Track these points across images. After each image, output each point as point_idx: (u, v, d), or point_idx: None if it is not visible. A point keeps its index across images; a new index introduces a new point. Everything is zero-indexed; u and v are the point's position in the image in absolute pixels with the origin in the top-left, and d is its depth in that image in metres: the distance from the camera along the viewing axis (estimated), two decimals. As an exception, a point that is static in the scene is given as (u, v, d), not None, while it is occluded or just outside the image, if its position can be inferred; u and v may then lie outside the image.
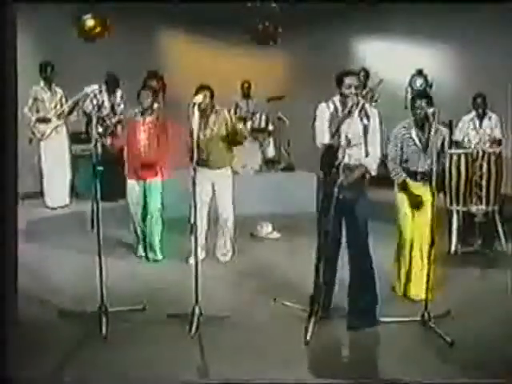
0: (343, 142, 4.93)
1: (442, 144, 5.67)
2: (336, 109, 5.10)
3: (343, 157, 4.92)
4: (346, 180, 4.97)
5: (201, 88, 6.72)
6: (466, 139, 7.87)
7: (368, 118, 5.08)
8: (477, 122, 7.88)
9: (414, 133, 5.69)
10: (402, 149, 5.73)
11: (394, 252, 5.97)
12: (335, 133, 4.93)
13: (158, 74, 9.80)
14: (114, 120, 7.87)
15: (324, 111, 5.12)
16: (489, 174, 7.07)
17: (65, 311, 5.40)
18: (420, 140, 5.68)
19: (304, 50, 12.12)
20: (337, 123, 4.94)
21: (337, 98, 5.12)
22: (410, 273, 5.85)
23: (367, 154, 5.10)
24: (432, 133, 5.39)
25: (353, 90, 4.97)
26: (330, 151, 4.95)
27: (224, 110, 7.05)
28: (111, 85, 9.21)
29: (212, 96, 6.84)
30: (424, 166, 5.68)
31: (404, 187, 5.76)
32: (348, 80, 4.99)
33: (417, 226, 5.78)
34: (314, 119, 5.18)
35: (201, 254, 7.03)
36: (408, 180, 5.75)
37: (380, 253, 5.43)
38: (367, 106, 5.18)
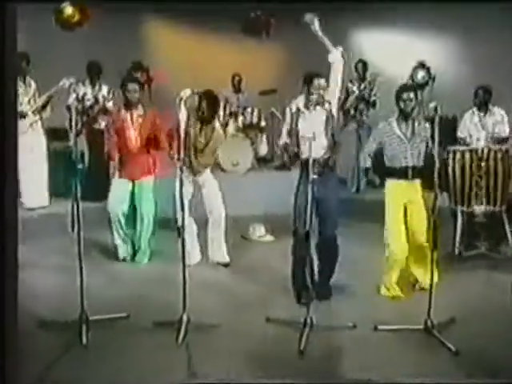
0: (309, 136, 5.35)
1: (432, 137, 5.66)
2: (298, 109, 5.89)
3: (310, 152, 5.24)
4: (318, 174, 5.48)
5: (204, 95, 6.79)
6: (470, 135, 7.85)
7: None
8: (479, 117, 7.82)
9: (395, 126, 5.87)
10: (384, 145, 5.94)
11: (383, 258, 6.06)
12: (295, 129, 5.83)
13: (143, 65, 9.75)
14: (95, 109, 7.88)
15: (287, 114, 6.00)
16: (495, 173, 7.04)
17: (44, 320, 5.35)
18: (403, 132, 5.85)
19: (298, 41, 12.03)
20: (296, 120, 5.78)
21: (301, 98, 5.91)
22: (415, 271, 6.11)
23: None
24: (416, 124, 5.73)
25: (320, 92, 5.74)
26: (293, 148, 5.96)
27: (220, 128, 7.18)
28: (94, 74, 9.16)
29: (213, 108, 6.91)
30: (414, 161, 5.84)
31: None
32: (316, 81, 5.75)
33: (413, 231, 5.94)
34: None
35: (194, 258, 7.12)
36: (398, 182, 5.91)
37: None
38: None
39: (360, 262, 6.92)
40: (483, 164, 7.03)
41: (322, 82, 5.79)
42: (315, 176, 5.24)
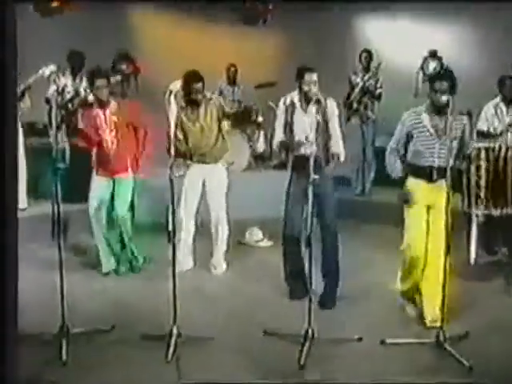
0: (303, 137, 5.66)
1: (463, 133, 5.57)
2: (293, 104, 6.05)
3: (310, 152, 5.29)
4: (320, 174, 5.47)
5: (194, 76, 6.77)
6: (491, 130, 7.72)
7: (325, 111, 5.95)
8: (503, 109, 7.73)
9: (426, 118, 5.53)
10: (410, 138, 5.61)
11: (399, 269, 5.87)
12: (289, 124, 5.95)
13: (129, 56, 9.70)
14: (76, 103, 7.80)
15: (281, 108, 6.13)
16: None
17: (20, 334, 5.28)
18: (434, 127, 5.51)
19: (298, 29, 12.06)
20: (291, 115, 5.87)
21: (295, 93, 6.07)
22: (426, 294, 5.74)
23: (328, 143, 6.01)
24: (450, 119, 5.26)
25: (312, 87, 5.87)
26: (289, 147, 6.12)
27: (214, 96, 7.14)
28: (76, 64, 9.11)
29: (200, 80, 6.86)
30: (441, 161, 5.47)
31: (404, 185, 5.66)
32: (308, 76, 5.90)
33: (432, 238, 5.60)
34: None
35: (186, 264, 7.14)
36: (421, 183, 5.60)
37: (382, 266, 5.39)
38: (323, 99, 5.85)
39: (365, 269, 6.91)
40: (501, 162, 6.96)
41: (314, 76, 5.94)
42: (316, 176, 5.22)
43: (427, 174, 5.57)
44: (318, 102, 5.61)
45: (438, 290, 5.36)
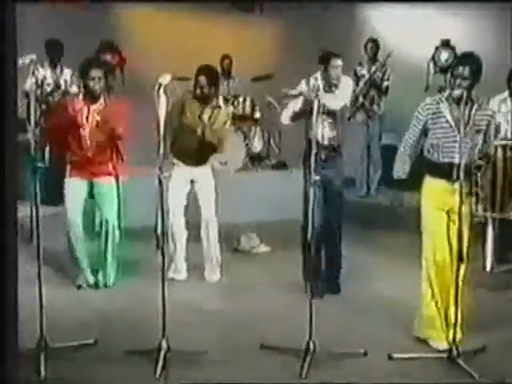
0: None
1: (488, 126, 5.37)
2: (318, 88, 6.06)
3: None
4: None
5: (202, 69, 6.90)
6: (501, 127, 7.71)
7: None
8: (508, 104, 7.64)
9: (445, 108, 5.30)
10: (426, 131, 5.39)
11: (420, 280, 5.66)
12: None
13: (114, 45, 9.66)
14: (56, 96, 7.74)
15: (303, 88, 6.44)
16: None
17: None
18: (455, 118, 5.25)
19: (298, 18, 12.03)
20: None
21: (318, 76, 6.55)
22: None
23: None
24: (474, 110, 5.16)
25: (338, 72, 6.49)
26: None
27: (227, 108, 7.37)
28: (55, 54, 9.08)
29: (215, 83, 7.00)
30: (463, 157, 5.07)
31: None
32: (334, 62, 6.46)
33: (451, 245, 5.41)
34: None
35: (180, 273, 7.16)
36: (440, 182, 5.40)
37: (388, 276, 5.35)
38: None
39: (369, 279, 6.88)
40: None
41: (340, 62, 6.51)
42: (317, 177, 5.24)
43: (446, 171, 5.32)
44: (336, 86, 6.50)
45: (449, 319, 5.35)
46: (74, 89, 8.90)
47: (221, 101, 7.20)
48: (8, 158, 3.77)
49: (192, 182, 7.16)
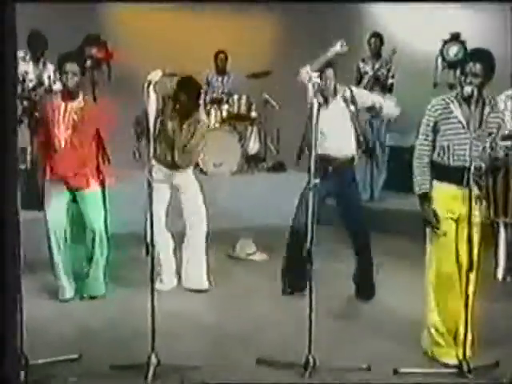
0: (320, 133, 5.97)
1: (499, 129, 5.31)
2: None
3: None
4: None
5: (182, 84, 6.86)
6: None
7: (352, 100, 6.69)
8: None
9: (456, 107, 5.24)
10: (436, 132, 5.32)
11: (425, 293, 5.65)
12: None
13: (100, 39, 9.65)
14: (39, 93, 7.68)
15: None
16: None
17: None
18: (467, 118, 5.16)
19: (299, 10, 12.03)
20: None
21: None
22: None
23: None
24: (486, 111, 5.13)
25: (328, 83, 6.61)
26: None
27: (205, 119, 7.22)
28: (38, 48, 9.06)
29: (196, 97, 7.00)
30: (475, 160, 5.09)
31: (425, 202, 5.36)
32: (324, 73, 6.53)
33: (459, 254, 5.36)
34: None
35: (169, 282, 7.17)
36: (450, 188, 5.33)
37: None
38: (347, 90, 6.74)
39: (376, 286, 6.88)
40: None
41: (330, 72, 6.64)
42: (317, 180, 5.27)
43: (457, 176, 5.24)
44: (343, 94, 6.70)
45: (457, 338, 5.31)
46: (57, 86, 8.87)
47: (202, 114, 7.13)
48: (8, 159, 3.80)
49: (173, 186, 7.14)
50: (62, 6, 9.97)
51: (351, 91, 6.79)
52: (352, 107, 6.71)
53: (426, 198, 5.34)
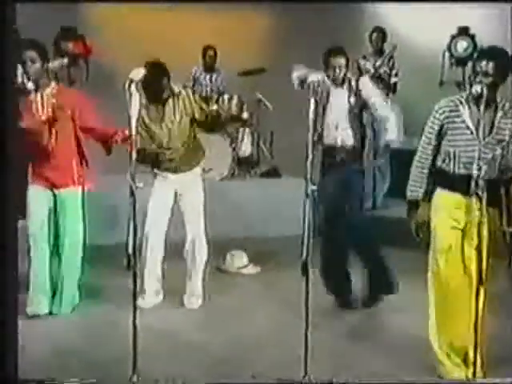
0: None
1: (511, 137, 5.20)
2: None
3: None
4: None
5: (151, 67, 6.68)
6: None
7: (358, 92, 6.84)
8: None
9: (465, 111, 5.19)
10: (442, 136, 5.29)
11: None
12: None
13: (76, 33, 9.65)
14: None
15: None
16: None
17: None
18: (476, 123, 5.09)
19: (296, 3, 12.04)
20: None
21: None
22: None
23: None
24: (498, 115, 5.06)
25: (337, 72, 6.79)
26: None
27: (184, 90, 7.09)
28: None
29: (165, 74, 6.88)
30: (483, 169, 5.02)
31: (412, 209, 5.49)
32: (334, 61, 6.76)
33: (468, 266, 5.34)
34: None
35: (154, 298, 7.18)
36: (455, 197, 5.33)
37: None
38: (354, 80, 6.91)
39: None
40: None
41: (343, 59, 6.82)
42: (314, 187, 5.19)
43: (463, 184, 5.21)
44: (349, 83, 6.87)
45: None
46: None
47: (176, 87, 7.05)
48: (8, 158, 4.06)
49: (176, 193, 7.15)
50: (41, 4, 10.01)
51: (357, 81, 6.95)
52: (354, 98, 6.87)
53: (414, 205, 5.46)
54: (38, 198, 6.81)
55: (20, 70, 8.90)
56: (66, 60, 6.68)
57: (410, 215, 5.48)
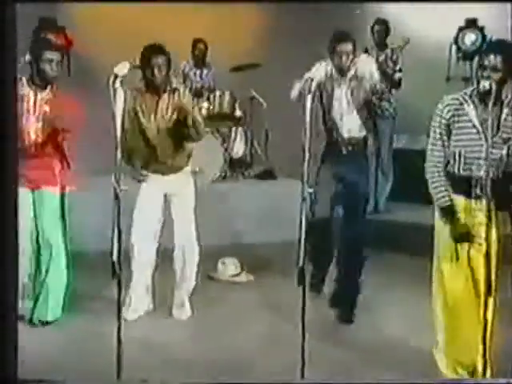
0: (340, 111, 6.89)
1: None
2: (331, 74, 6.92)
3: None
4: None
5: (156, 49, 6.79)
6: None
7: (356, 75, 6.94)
8: None
9: (471, 109, 5.16)
10: (447, 134, 5.29)
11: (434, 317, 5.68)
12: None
13: (56, 24, 9.62)
14: None
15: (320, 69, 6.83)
16: None
17: None
18: (482, 122, 5.08)
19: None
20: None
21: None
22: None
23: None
24: (504, 113, 5.04)
25: (344, 59, 6.77)
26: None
27: (182, 87, 7.20)
28: None
29: (169, 65, 6.87)
30: (489, 169, 4.93)
31: (449, 214, 5.34)
32: (340, 47, 6.73)
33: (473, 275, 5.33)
34: None
35: (142, 308, 7.17)
36: (458, 199, 5.31)
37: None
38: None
39: (375, 313, 7.01)
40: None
41: (350, 45, 6.81)
42: (310, 190, 5.21)
43: (467, 187, 5.24)
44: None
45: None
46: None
47: (174, 81, 7.04)
48: (8, 158, 4.15)
49: (165, 196, 7.13)
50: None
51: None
52: (355, 82, 6.94)
53: (449, 211, 5.32)
54: (22, 200, 6.78)
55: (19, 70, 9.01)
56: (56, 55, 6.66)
57: (449, 222, 5.33)
